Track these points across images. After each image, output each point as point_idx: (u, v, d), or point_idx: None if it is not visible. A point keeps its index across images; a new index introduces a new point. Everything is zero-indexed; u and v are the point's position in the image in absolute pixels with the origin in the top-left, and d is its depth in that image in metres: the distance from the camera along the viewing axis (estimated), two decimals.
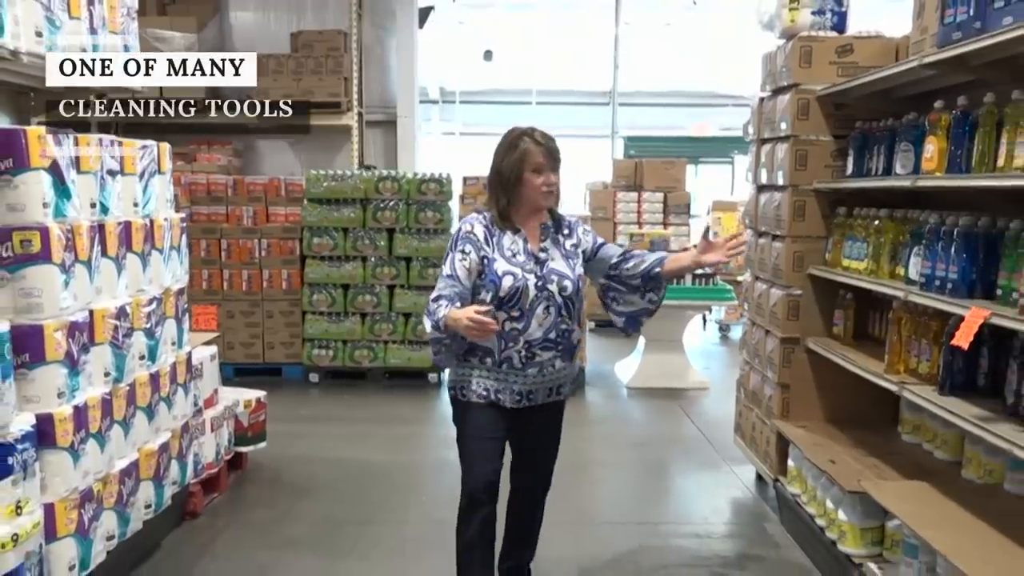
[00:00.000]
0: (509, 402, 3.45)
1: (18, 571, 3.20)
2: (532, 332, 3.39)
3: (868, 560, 3.82)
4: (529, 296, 3.36)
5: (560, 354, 3.48)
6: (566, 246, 3.54)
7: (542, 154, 3.38)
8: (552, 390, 3.54)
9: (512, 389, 3.44)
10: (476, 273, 3.39)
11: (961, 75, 3.61)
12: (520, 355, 3.40)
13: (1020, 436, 2.95)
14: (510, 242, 3.43)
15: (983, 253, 3.29)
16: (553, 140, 3.45)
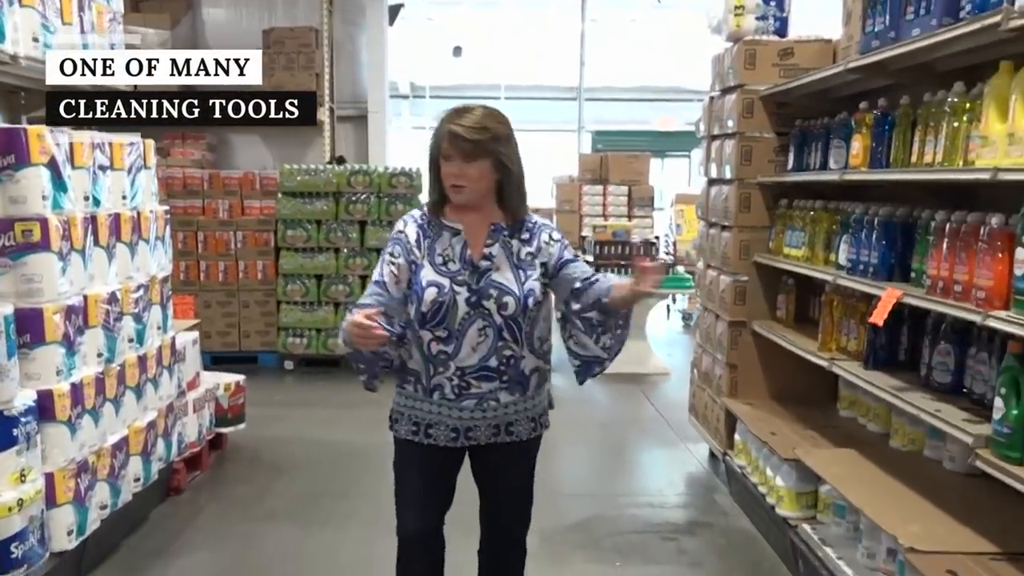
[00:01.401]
0: (443, 439, 2.90)
1: (22, 534, 3.49)
2: (464, 357, 2.82)
3: (803, 522, 4.17)
4: (458, 313, 2.79)
5: (506, 386, 2.87)
6: (520, 254, 2.89)
7: (448, 138, 2.78)
8: (500, 429, 2.91)
9: (446, 424, 2.89)
10: (406, 281, 2.86)
11: (882, 79, 3.96)
12: (452, 384, 2.84)
13: (928, 403, 3.31)
14: (444, 246, 2.86)
15: (900, 240, 3.64)
16: (476, 119, 2.78)
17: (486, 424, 2.90)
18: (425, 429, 2.91)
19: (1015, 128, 2.76)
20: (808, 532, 4.08)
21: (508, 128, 2.85)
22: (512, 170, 2.85)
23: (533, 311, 2.87)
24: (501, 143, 2.80)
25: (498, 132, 2.80)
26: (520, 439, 2.96)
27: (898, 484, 3.69)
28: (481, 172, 2.80)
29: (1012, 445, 2.70)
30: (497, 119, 2.83)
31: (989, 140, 2.90)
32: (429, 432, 2.91)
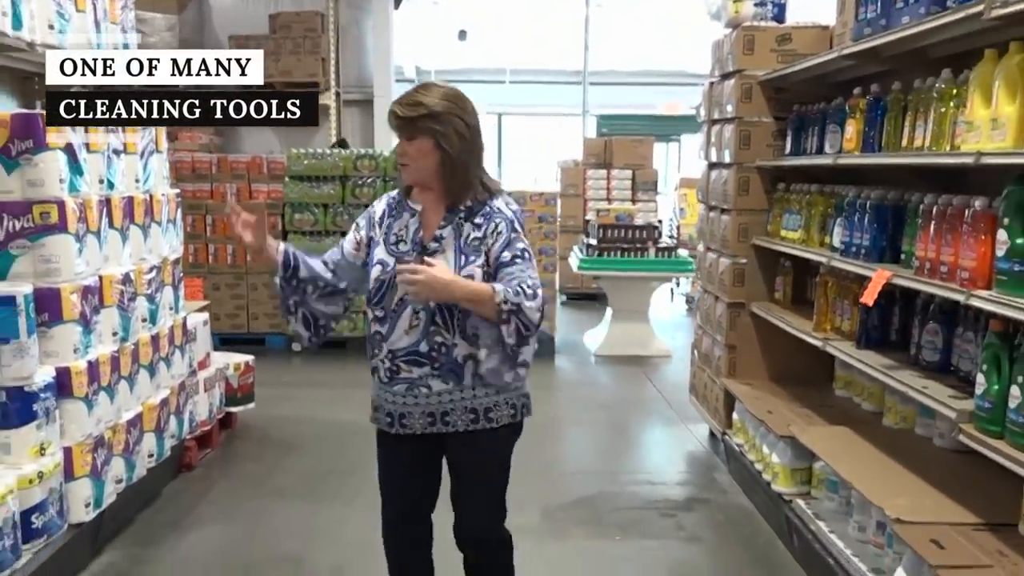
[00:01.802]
0: (383, 423, 2.90)
1: (42, 505, 3.63)
2: (395, 340, 2.77)
3: (797, 497, 4.29)
4: (396, 294, 2.74)
5: (438, 373, 2.77)
6: (468, 238, 2.78)
7: (392, 118, 2.76)
8: (435, 418, 2.82)
9: (383, 408, 2.88)
10: (364, 254, 2.89)
11: (875, 65, 4.06)
12: (384, 367, 2.82)
13: (916, 381, 3.42)
14: (401, 226, 2.84)
15: (891, 223, 3.75)
16: (412, 96, 2.74)
17: (419, 411, 2.82)
18: (373, 411, 2.94)
19: (998, 114, 2.86)
20: (802, 507, 4.21)
21: (452, 105, 2.72)
22: (449, 150, 2.71)
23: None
24: (438, 121, 2.69)
25: (435, 109, 2.68)
26: (457, 430, 2.82)
27: (889, 460, 3.80)
28: (420, 150, 2.72)
29: (993, 420, 2.81)
30: (439, 95, 2.72)
31: (974, 125, 3.00)
32: (375, 415, 2.93)
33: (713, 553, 4.42)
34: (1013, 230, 2.73)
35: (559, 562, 4.23)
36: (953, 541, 2.96)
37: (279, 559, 4.25)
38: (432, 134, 2.70)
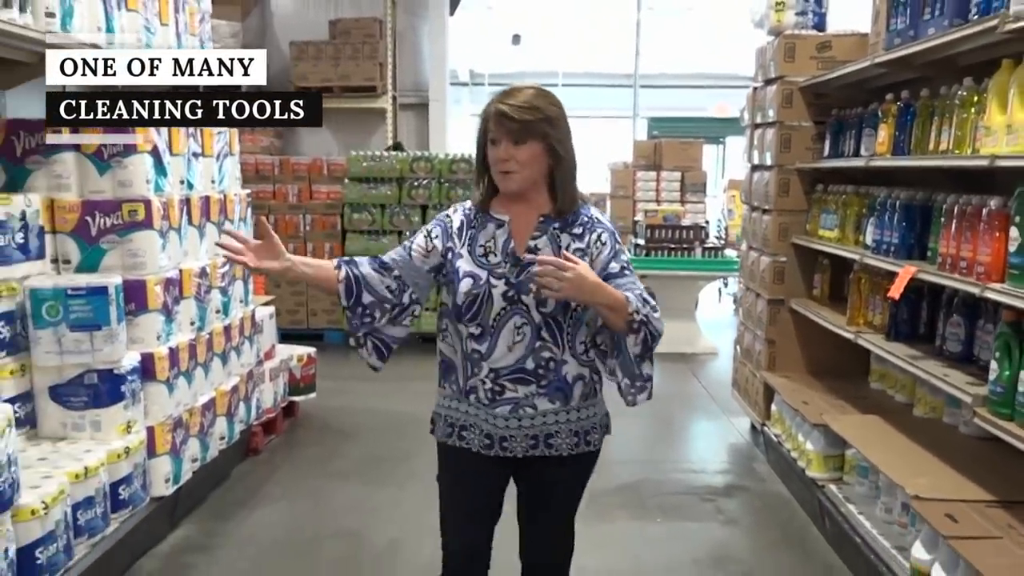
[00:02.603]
0: (476, 444, 2.65)
1: (128, 478, 3.98)
2: (497, 357, 2.57)
3: (830, 483, 4.52)
4: (493, 308, 2.56)
5: (545, 392, 2.60)
6: (568, 248, 2.60)
7: (494, 118, 2.55)
8: (538, 440, 2.63)
9: (480, 429, 2.64)
10: (436, 264, 2.66)
11: (907, 72, 4.27)
12: (485, 387, 2.60)
13: (939, 369, 3.64)
14: (487, 237, 2.64)
15: (919, 221, 3.96)
16: (526, 98, 2.54)
17: (522, 434, 2.62)
18: (459, 431, 2.67)
19: (1012, 120, 3.08)
20: (834, 492, 4.43)
21: (560, 110, 2.59)
22: (563, 155, 2.58)
23: (578, 311, 2.57)
24: (552, 125, 2.54)
25: (549, 113, 2.54)
26: (561, 454, 2.65)
27: (915, 446, 4.01)
28: (531, 155, 2.53)
29: (1004, 403, 3.03)
30: (548, 99, 2.57)
31: (991, 130, 3.22)
32: (463, 435, 2.66)
33: (749, 535, 4.66)
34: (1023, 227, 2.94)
35: (604, 541, 4.48)
36: (967, 516, 3.18)
37: (340, 534, 4.56)
38: (545, 138, 2.54)
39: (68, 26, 3.69)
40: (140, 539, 4.13)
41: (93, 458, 3.71)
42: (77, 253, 4.06)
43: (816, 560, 4.30)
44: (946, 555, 3.10)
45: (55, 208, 4.03)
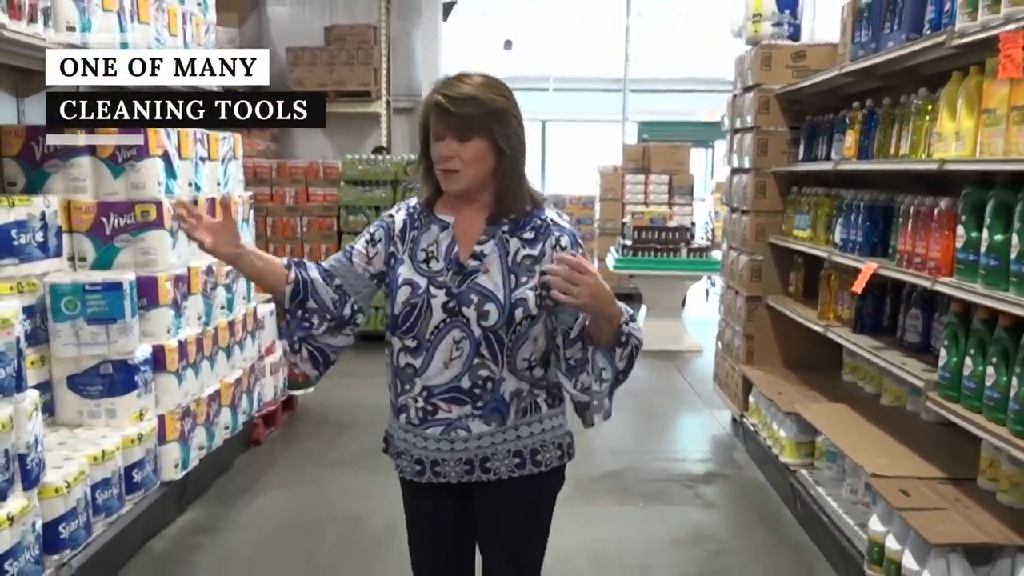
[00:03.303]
0: (408, 472, 2.43)
1: (141, 463, 4.23)
2: (432, 374, 2.33)
3: (801, 468, 4.79)
4: (432, 320, 2.32)
5: (480, 413, 2.35)
6: (517, 256, 2.36)
7: (435, 110, 2.31)
8: (473, 465, 2.39)
9: (411, 454, 2.41)
10: (378, 272, 2.44)
11: (873, 81, 4.55)
12: (417, 406, 2.37)
13: (898, 359, 3.92)
14: (430, 240, 2.39)
15: (881, 221, 4.24)
16: (468, 89, 2.29)
17: (455, 458, 2.38)
18: (396, 456, 2.48)
19: (960, 127, 3.35)
20: (805, 476, 4.70)
21: (508, 100, 2.34)
22: (509, 153, 2.33)
23: (522, 325, 2.32)
24: (499, 119, 2.30)
25: (495, 105, 2.30)
26: (501, 477, 2.41)
27: (879, 432, 4.28)
28: (476, 153, 2.30)
29: (951, 387, 3.31)
30: (495, 89, 2.33)
31: (942, 136, 3.49)
32: (397, 463, 2.47)
33: (726, 517, 4.94)
34: (969, 226, 3.21)
35: (587, 522, 4.75)
36: (919, 491, 3.45)
37: (339, 518, 4.82)
38: (490, 134, 2.30)
39: (86, 40, 3.94)
40: (151, 520, 4.39)
41: (109, 443, 3.97)
42: (92, 251, 4.32)
43: (787, 539, 4.58)
44: (899, 526, 3.38)
45: (72, 209, 4.29)
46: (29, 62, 4.10)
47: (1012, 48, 2.85)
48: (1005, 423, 2.95)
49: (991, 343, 3.07)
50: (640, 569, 4.26)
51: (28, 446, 3.29)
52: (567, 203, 13.03)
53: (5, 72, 4.38)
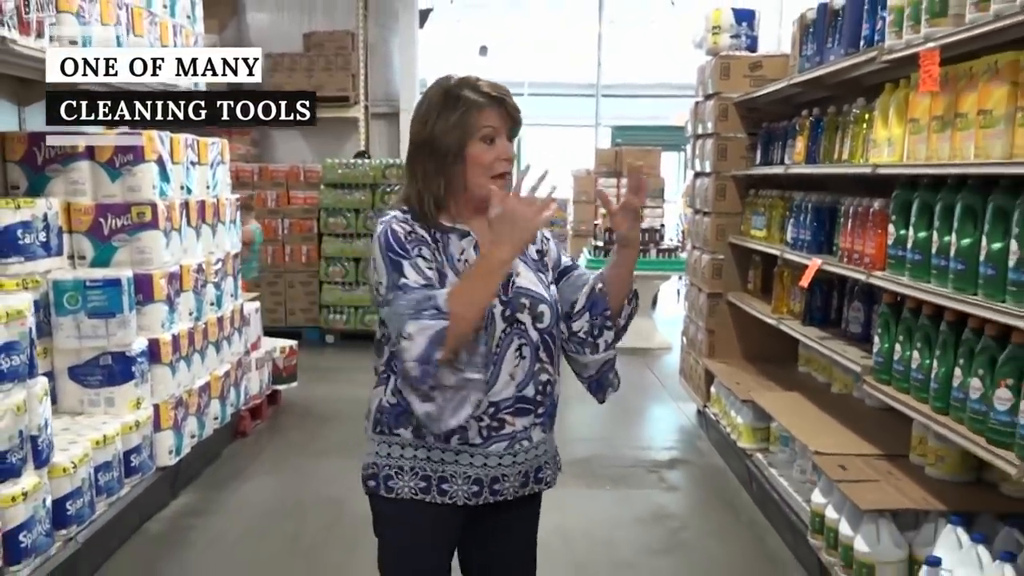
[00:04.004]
0: (462, 496, 2.25)
1: (138, 448, 4.52)
2: (499, 388, 2.20)
3: (757, 452, 5.13)
4: (496, 331, 2.20)
5: (541, 421, 2.29)
6: (532, 254, 2.35)
7: (496, 113, 2.20)
8: (529, 477, 2.31)
9: (466, 475, 2.24)
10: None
11: (821, 91, 4.89)
12: (481, 424, 2.21)
13: (841, 347, 4.26)
14: (458, 252, 2.23)
15: (827, 221, 4.58)
16: (509, 94, 2.26)
17: (516, 472, 2.27)
18: (438, 484, 2.24)
19: (891, 134, 3.69)
20: (760, 459, 5.04)
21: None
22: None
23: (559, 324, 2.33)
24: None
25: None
26: (550, 485, 2.41)
27: (826, 416, 4.62)
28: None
29: (884, 371, 3.64)
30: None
31: (877, 142, 3.83)
32: (443, 488, 2.24)
33: (687, 498, 5.29)
34: (898, 224, 3.55)
35: (557, 504, 4.94)
36: (856, 466, 3.79)
37: (324, 501, 5.11)
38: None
39: None
40: (148, 502, 4.67)
41: (110, 428, 4.25)
42: (91, 250, 4.60)
43: (743, 517, 4.91)
44: (837, 497, 3.71)
45: (72, 210, 4.57)
46: (31, 72, 4.39)
47: (930, 64, 3.19)
48: (928, 401, 3.28)
49: (916, 330, 3.41)
50: (606, 544, 4.58)
51: (39, 428, 3.57)
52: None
53: (7, 82, 4.65)
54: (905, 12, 3.43)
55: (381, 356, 2.31)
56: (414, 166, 2.26)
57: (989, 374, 2.87)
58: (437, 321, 2.04)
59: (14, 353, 3.41)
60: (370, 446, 2.35)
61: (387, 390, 2.28)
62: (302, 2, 12.59)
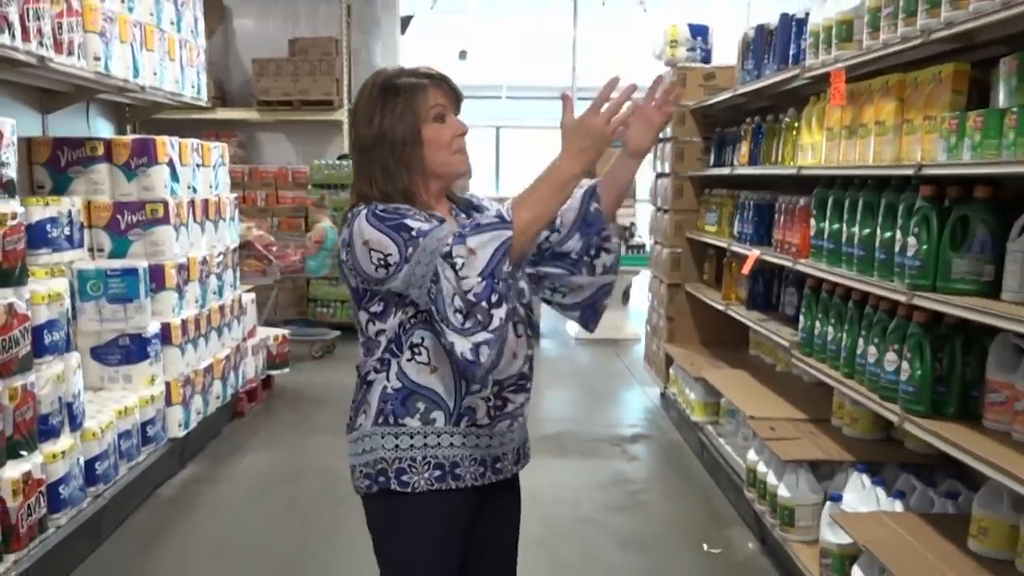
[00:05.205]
0: (470, 477, 2.22)
1: (153, 420, 5.06)
2: (504, 367, 2.14)
3: (708, 424, 5.71)
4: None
5: (528, 394, 2.33)
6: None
7: (440, 91, 2.22)
8: (519, 453, 2.39)
9: (472, 457, 2.22)
10: None
11: (763, 101, 5.47)
12: (490, 404, 2.22)
13: (776, 328, 4.83)
14: None
15: (766, 217, 5.15)
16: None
17: (512, 448, 2.32)
18: (451, 471, 2.20)
19: (813, 140, 4.28)
20: (710, 431, 5.62)
21: None
22: None
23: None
24: None
25: None
26: (529, 459, 2.47)
27: (766, 389, 5.19)
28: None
29: (807, 344, 4.22)
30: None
31: (803, 147, 4.42)
32: (457, 473, 2.20)
33: (646, 467, 5.87)
34: (819, 218, 4.12)
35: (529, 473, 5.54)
36: (783, 427, 4.37)
37: (318, 471, 5.65)
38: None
39: (108, 67, 4.76)
40: (160, 470, 5.20)
41: (129, 400, 4.79)
42: (109, 243, 5.13)
43: (695, 482, 5.50)
44: (766, 454, 4.30)
45: (92, 208, 5.10)
46: (57, 84, 4.94)
47: (839, 82, 3.78)
48: (839, 368, 3.86)
49: (831, 308, 3.98)
50: (572, 504, 5.14)
51: (74, 396, 4.11)
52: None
53: (32, 92, 5.16)
54: (820, 36, 4.01)
55: (371, 354, 2.22)
56: (370, 168, 2.18)
57: (881, 342, 3.45)
58: (502, 231, 1.95)
59: (55, 329, 3.95)
60: (368, 442, 2.23)
61: (390, 375, 2.19)
62: (287, 10, 13.05)
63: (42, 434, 3.85)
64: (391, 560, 2.29)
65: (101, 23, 4.64)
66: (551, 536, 4.67)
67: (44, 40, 4.06)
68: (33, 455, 3.74)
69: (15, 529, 3.58)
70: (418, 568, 2.26)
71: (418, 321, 2.15)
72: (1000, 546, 2.99)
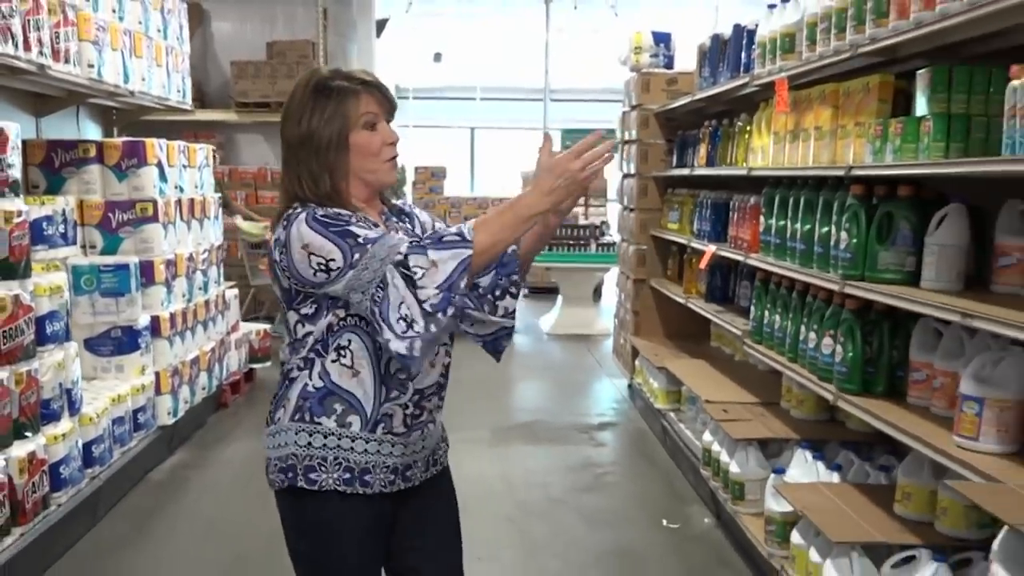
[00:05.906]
0: (378, 485, 2.23)
1: (144, 408, 5.33)
2: (423, 375, 2.23)
3: (670, 411, 6.05)
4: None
5: (442, 404, 2.37)
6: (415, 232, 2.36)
7: (374, 99, 2.21)
8: (430, 460, 2.37)
9: (385, 465, 2.22)
10: None
11: (721, 105, 5.80)
12: (406, 412, 2.23)
13: (732, 319, 5.16)
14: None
15: (722, 215, 5.49)
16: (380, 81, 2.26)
17: (423, 456, 2.33)
18: (360, 476, 2.20)
19: (762, 143, 4.61)
20: (673, 418, 5.95)
21: None
22: None
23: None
24: None
25: None
26: (444, 465, 2.46)
27: (723, 377, 5.52)
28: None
29: (757, 332, 4.56)
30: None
31: (754, 150, 4.75)
32: (365, 479, 2.21)
33: (612, 452, 6.20)
34: (767, 215, 4.46)
35: (500, 457, 5.94)
36: (736, 411, 4.70)
37: None
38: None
39: (101, 74, 5.03)
40: (151, 455, 5.48)
41: (122, 388, 5.06)
42: (101, 240, 5.40)
43: (658, 465, 5.83)
44: (720, 435, 4.63)
45: (84, 207, 5.36)
46: (51, 90, 5.20)
47: (782, 90, 4.12)
48: (784, 354, 4.20)
49: (778, 298, 4.32)
50: (542, 486, 5.46)
51: (72, 383, 4.39)
52: (491, 204, 14.21)
53: (26, 96, 5.42)
54: (767, 47, 4.35)
55: (297, 352, 2.22)
56: (297, 169, 2.17)
57: (819, 328, 3.78)
58: (463, 249, 1.99)
59: (55, 320, 4.23)
60: (282, 437, 2.22)
61: (312, 374, 2.19)
62: (264, 13, 13.26)
63: (44, 417, 4.13)
64: (304, 556, 2.29)
65: (95, 32, 4.91)
66: (522, 515, 4.99)
67: (44, 49, 4.33)
68: (36, 436, 4.02)
69: (21, 504, 3.86)
70: (331, 566, 2.27)
71: (347, 324, 2.16)
72: (921, 510, 3.33)
